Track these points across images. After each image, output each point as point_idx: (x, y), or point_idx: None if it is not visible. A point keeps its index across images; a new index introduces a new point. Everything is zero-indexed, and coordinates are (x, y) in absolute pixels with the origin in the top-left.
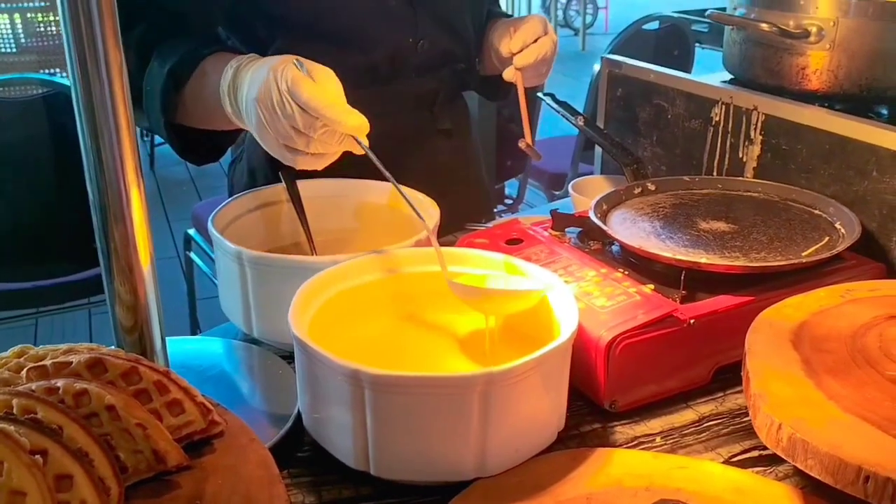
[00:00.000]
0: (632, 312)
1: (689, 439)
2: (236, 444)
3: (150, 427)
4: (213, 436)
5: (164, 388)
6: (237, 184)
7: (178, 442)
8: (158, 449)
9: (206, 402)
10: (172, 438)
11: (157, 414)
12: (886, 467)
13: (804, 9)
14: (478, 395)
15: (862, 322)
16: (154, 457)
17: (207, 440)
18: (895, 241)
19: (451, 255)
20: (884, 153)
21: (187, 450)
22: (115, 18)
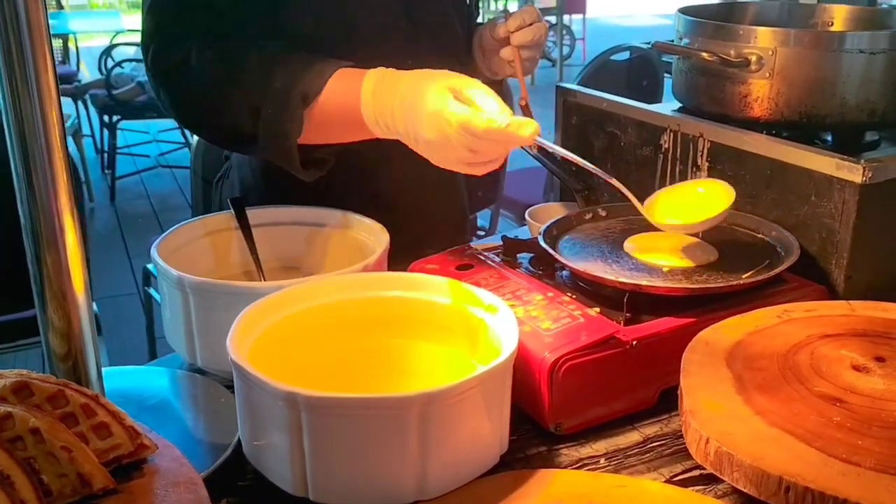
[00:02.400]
0: (575, 334)
1: (633, 460)
2: (165, 467)
3: (75, 450)
4: (142, 459)
5: (92, 412)
6: (225, 201)
7: (105, 465)
8: (84, 472)
9: (135, 425)
10: (99, 462)
11: (84, 437)
12: (806, 478)
13: (744, 38)
14: (416, 416)
15: (796, 341)
16: (79, 480)
17: (137, 464)
18: (834, 264)
19: (396, 280)
20: (820, 178)
21: (116, 474)
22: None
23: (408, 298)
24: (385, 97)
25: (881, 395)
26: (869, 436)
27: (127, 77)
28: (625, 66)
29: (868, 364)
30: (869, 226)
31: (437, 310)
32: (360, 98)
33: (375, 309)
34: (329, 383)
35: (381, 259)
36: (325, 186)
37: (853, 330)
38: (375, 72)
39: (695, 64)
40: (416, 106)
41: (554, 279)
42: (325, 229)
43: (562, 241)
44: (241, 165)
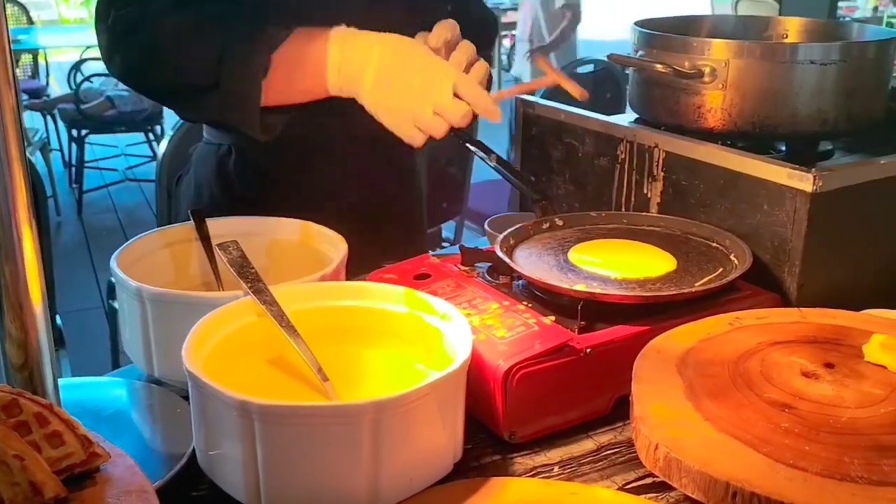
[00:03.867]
0: (530, 343)
1: (587, 468)
2: (118, 476)
3: (27, 458)
4: (94, 468)
5: (45, 421)
6: (184, 197)
7: (58, 474)
8: (36, 480)
9: (88, 434)
10: (52, 470)
11: (37, 446)
12: (753, 483)
13: (698, 50)
14: (368, 425)
15: (746, 348)
16: (31, 488)
17: (89, 473)
18: (787, 272)
19: (352, 289)
20: (772, 187)
21: (68, 482)
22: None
23: (364, 307)
24: (361, 37)
25: (829, 402)
26: (816, 441)
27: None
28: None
29: (817, 371)
30: (820, 234)
31: (392, 318)
32: (329, 36)
33: (332, 318)
34: (285, 393)
35: (338, 269)
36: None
37: (804, 337)
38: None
39: (650, 76)
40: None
41: (511, 288)
42: (285, 240)
43: (518, 250)
44: (199, 163)
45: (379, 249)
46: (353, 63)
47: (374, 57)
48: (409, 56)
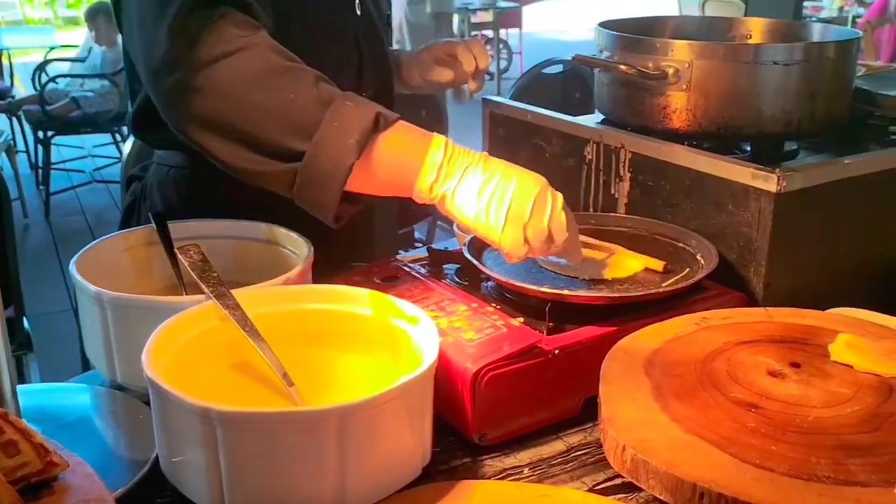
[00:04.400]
0: (498, 344)
1: (556, 469)
2: (77, 485)
3: None
4: (52, 477)
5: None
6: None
7: (14, 484)
8: None
9: (44, 443)
10: (7, 480)
11: None
12: (720, 483)
13: (662, 51)
14: (333, 430)
15: (713, 348)
16: None
17: (47, 482)
18: (753, 272)
19: (318, 292)
20: (737, 187)
21: (25, 492)
22: None
23: (330, 310)
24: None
25: (796, 401)
26: (783, 441)
27: (61, 93)
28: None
29: (784, 370)
30: (785, 234)
31: (359, 321)
32: (431, 140)
33: (297, 321)
34: (250, 398)
35: (304, 271)
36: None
37: (770, 336)
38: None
39: (615, 77)
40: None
41: (479, 290)
42: (250, 243)
43: (487, 251)
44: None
45: (347, 252)
46: (452, 171)
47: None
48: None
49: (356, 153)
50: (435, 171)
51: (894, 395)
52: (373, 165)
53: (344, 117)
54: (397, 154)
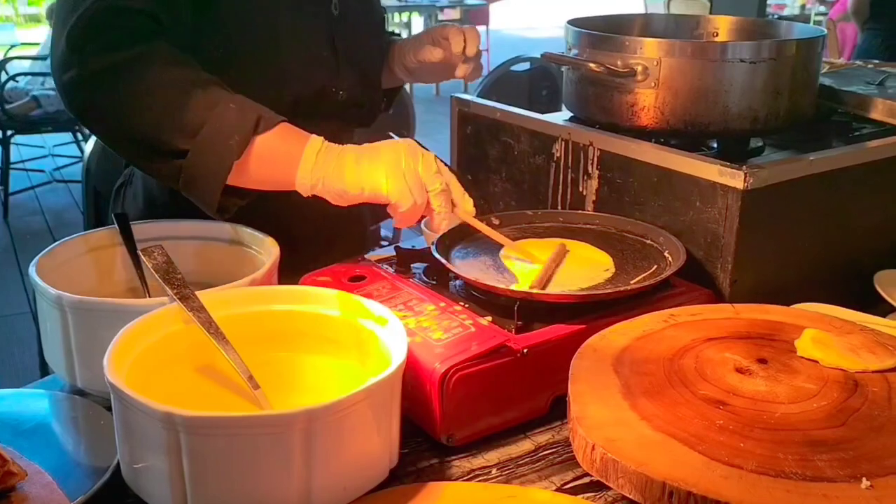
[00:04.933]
0: (466, 344)
1: (524, 469)
2: (35, 494)
3: None
4: (9, 487)
5: None
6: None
7: None
8: None
9: (2, 452)
10: None
11: None
12: (688, 482)
13: (630, 49)
14: (299, 434)
15: (681, 345)
16: None
17: (4, 492)
18: (720, 268)
19: (284, 293)
20: (704, 184)
21: None
22: None
23: (296, 311)
24: (334, 149)
25: (763, 397)
26: (751, 438)
27: (21, 91)
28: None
29: (751, 366)
30: (752, 230)
31: (326, 322)
32: (309, 138)
33: (263, 323)
34: (215, 402)
35: (270, 272)
36: None
37: (737, 333)
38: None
39: (584, 74)
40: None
41: (447, 289)
42: (214, 243)
43: (455, 250)
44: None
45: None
46: (328, 161)
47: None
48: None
49: (237, 153)
50: (314, 157)
51: (860, 390)
52: (253, 163)
53: (227, 119)
54: (278, 152)
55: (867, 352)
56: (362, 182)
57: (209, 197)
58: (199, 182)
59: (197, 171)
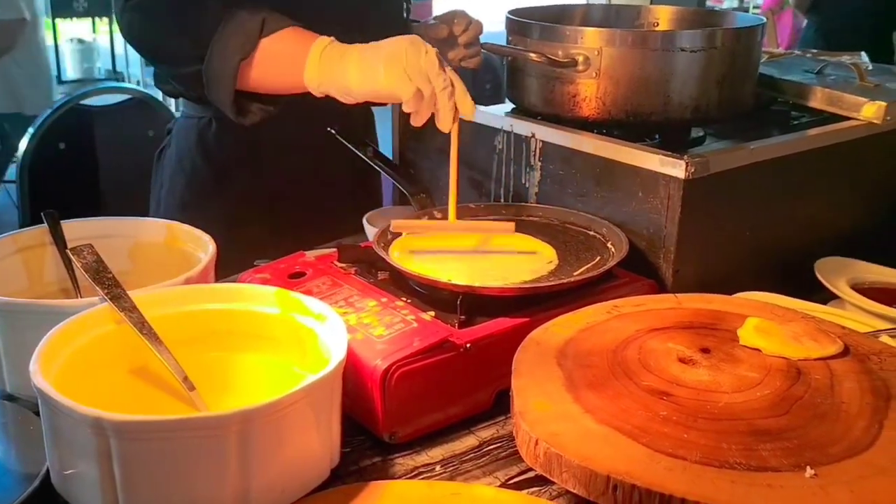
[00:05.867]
0: (408, 340)
1: (469, 465)
2: None
3: None
4: None
5: None
6: (166, 169)
7: None
8: None
9: None
10: None
11: None
12: (633, 475)
13: (571, 39)
14: (234, 436)
15: (625, 336)
16: None
17: None
18: (662, 258)
19: (219, 292)
20: (646, 174)
21: None
22: None
23: (233, 310)
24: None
25: (706, 387)
26: (694, 428)
27: None
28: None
29: (694, 356)
30: (694, 220)
31: (264, 320)
32: (315, 38)
33: (198, 323)
34: (150, 405)
35: (205, 270)
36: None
37: (680, 323)
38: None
39: (525, 65)
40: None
41: (390, 284)
42: (149, 241)
43: (395, 244)
44: (179, 136)
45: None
46: (332, 58)
47: (354, 50)
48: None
49: (240, 53)
50: (318, 58)
51: (802, 378)
52: (262, 64)
53: (235, 23)
54: (284, 53)
55: (809, 339)
56: (363, 78)
57: (224, 97)
58: (214, 84)
59: (212, 72)
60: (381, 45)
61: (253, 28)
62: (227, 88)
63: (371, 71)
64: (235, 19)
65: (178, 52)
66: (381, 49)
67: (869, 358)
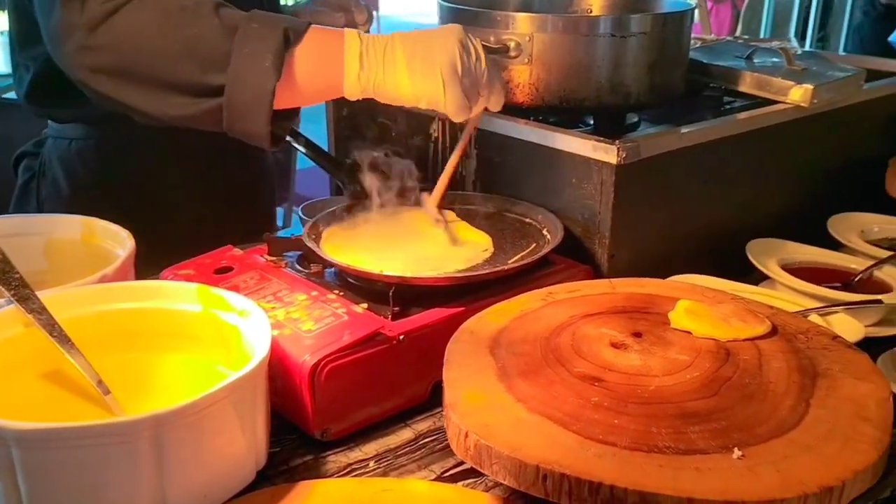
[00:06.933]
0: (338, 333)
1: (404, 459)
2: None
3: None
4: None
5: None
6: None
7: None
8: None
9: None
10: None
11: None
12: (562, 463)
13: (503, 25)
14: (149, 441)
15: (558, 323)
16: None
17: None
18: (597, 244)
19: (137, 290)
20: (579, 160)
21: None
22: None
23: (151, 309)
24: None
25: (637, 371)
26: (625, 413)
27: None
28: None
29: (626, 340)
30: (627, 205)
31: (184, 319)
32: (345, 36)
33: (115, 323)
34: (62, 412)
35: (123, 268)
36: None
37: (613, 308)
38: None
39: None
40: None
41: (322, 277)
42: (65, 238)
43: (326, 234)
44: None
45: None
46: (374, 61)
47: (397, 48)
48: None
49: (275, 75)
50: (357, 64)
51: (731, 359)
52: (296, 80)
53: (253, 41)
54: (316, 62)
55: (738, 320)
56: (418, 93)
57: (259, 129)
58: (245, 116)
59: (238, 105)
60: (431, 51)
61: (276, 42)
62: (262, 119)
63: (427, 90)
64: (252, 34)
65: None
66: (434, 58)
67: (796, 337)
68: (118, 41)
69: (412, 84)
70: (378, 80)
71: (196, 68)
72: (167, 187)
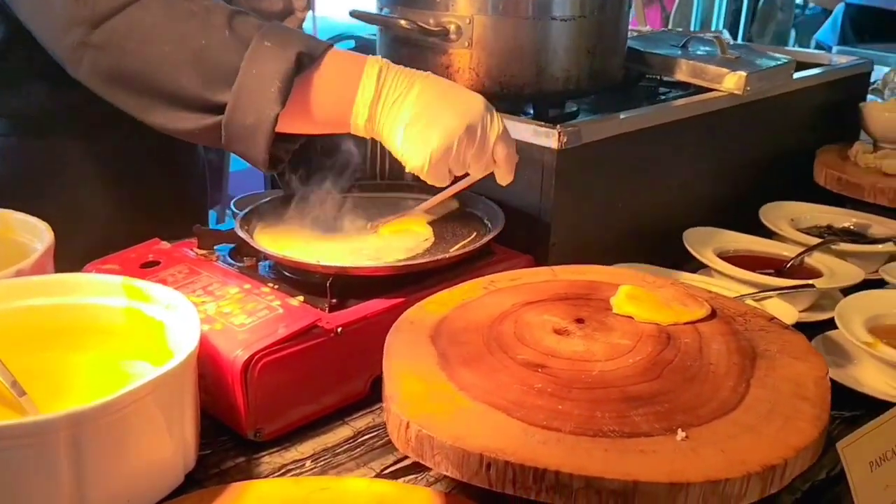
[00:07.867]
0: (272, 327)
1: (342, 457)
2: None
3: None
4: None
5: None
6: None
7: None
8: None
9: None
10: None
11: None
12: (506, 451)
13: (442, 6)
14: (65, 443)
15: (500, 311)
16: None
17: None
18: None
19: (55, 284)
20: (520, 146)
21: None
22: None
23: (72, 304)
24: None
25: (580, 357)
26: (569, 399)
27: None
28: None
29: (569, 327)
30: (569, 192)
31: (107, 314)
32: (365, 63)
33: (31, 320)
34: None
35: (41, 262)
36: None
37: (556, 294)
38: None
39: (397, 35)
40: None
41: (256, 270)
42: None
43: (259, 225)
44: None
45: None
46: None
47: (414, 93)
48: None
49: (279, 103)
50: (366, 111)
51: (673, 343)
52: (301, 108)
53: (263, 62)
54: (328, 92)
55: (679, 304)
56: (405, 158)
57: (257, 154)
58: (244, 139)
59: (238, 128)
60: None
61: (287, 67)
62: (260, 146)
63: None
64: (263, 54)
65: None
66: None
67: (735, 319)
68: (120, 42)
69: (402, 150)
70: (382, 132)
71: (200, 81)
72: (90, 187)
